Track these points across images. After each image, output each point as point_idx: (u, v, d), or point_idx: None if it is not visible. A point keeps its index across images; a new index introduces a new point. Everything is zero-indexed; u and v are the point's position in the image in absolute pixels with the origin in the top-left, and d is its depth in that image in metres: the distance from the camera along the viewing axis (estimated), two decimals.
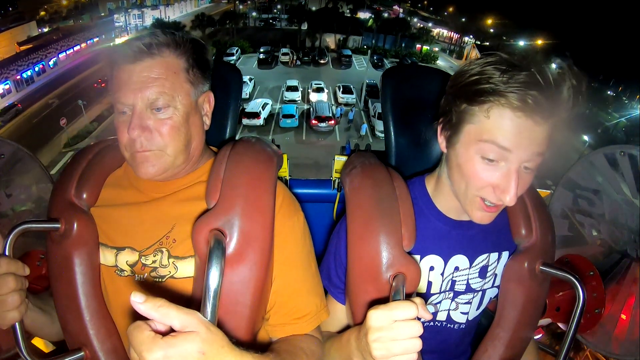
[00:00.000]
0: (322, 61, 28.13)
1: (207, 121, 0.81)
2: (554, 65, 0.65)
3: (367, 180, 0.81)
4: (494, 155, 0.67)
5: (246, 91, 20.56)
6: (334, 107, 18.68)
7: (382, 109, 1.04)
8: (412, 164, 1.00)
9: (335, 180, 1.20)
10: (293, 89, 20.90)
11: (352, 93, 20.43)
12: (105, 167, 0.83)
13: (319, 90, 20.59)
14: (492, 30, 30.04)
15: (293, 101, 19.37)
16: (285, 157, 1.08)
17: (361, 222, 0.77)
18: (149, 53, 0.71)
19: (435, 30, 38.32)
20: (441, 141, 0.76)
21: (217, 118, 0.92)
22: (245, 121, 16.93)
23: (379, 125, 16.55)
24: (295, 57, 27.68)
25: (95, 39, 28.00)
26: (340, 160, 1.15)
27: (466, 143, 0.70)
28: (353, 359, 0.71)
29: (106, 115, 16.89)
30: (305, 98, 20.61)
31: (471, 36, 30.95)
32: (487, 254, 0.85)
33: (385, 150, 1.04)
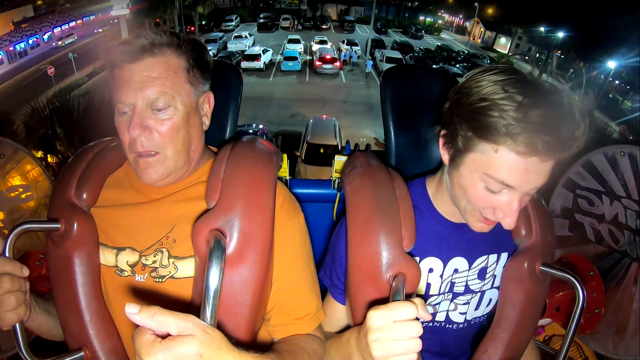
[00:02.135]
0: (324, 26, 27.95)
1: (207, 121, 0.81)
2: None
3: (367, 180, 0.81)
4: (498, 188, 0.67)
5: (246, 43, 20.10)
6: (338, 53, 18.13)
7: (382, 109, 1.04)
8: (412, 164, 1.00)
9: (335, 180, 1.19)
10: (295, 41, 20.16)
11: (356, 45, 19.89)
12: (105, 168, 0.83)
13: (322, 42, 19.90)
14: (492, 20, 29.98)
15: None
16: (285, 156, 1.08)
17: (361, 223, 0.76)
18: (150, 52, 0.71)
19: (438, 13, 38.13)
20: (443, 154, 0.75)
21: (217, 118, 0.92)
22: (244, 64, 16.18)
23: (387, 68, 15.89)
24: (296, 22, 27.56)
25: (91, 17, 27.49)
26: (340, 160, 1.15)
27: (470, 169, 0.69)
28: (353, 359, 0.71)
29: (98, 71, 16.46)
30: (308, 51, 20.03)
31: (474, 19, 30.85)
32: (485, 256, 0.85)
33: (385, 150, 1.04)
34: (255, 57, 16.45)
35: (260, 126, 9.42)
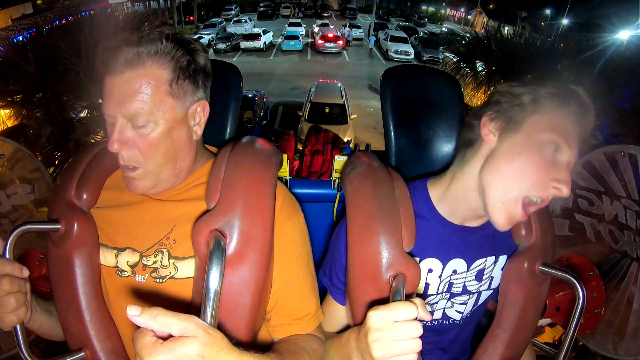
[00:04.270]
0: (325, 14, 28.22)
1: (199, 131, 0.78)
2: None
3: (367, 180, 0.81)
4: (557, 147, 0.70)
5: (245, 27, 19.91)
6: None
7: (382, 109, 1.04)
8: (412, 164, 1.00)
9: (335, 180, 1.19)
10: (296, 24, 19.89)
11: (359, 27, 19.93)
12: (105, 168, 0.83)
13: (323, 25, 19.74)
14: (495, 8, 29.84)
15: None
16: (285, 157, 1.08)
17: (361, 223, 0.76)
18: (131, 66, 0.68)
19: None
20: (487, 133, 0.75)
21: (217, 118, 0.92)
22: (243, 44, 15.84)
23: (392, 46, 15.88)
24: (297, 10, 28.04)
25: (90, 12, 27.57)
26: (340, 160, 1.15)
27: (531, 131, 0.71)
28: (353, 359, 0.71)
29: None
30: (309, 35, 19.80)
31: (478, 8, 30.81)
32: (484, 258, 0.85)
33: (385, 150, 1.04)
34: (256, 37, 16.02)
35: (261, 92, 8.77)
